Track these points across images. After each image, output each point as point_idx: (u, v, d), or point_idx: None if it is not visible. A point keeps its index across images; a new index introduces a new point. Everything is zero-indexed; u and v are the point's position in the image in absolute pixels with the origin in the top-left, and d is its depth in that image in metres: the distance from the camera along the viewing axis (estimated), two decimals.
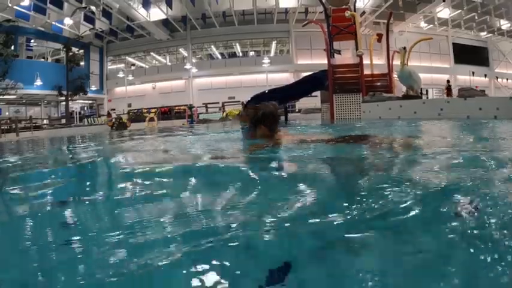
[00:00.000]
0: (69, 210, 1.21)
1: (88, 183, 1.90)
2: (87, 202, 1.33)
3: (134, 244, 0.83)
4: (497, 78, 31.88)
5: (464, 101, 6.83)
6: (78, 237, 0.93)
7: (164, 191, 1.43)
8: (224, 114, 23.25)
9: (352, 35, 11.04)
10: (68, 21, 25.05)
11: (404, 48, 8.96)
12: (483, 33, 32.23)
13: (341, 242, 0.81)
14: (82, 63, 30.74)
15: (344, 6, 11.31)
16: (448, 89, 21.41)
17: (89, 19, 25.89)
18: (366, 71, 10.48)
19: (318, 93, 12.28)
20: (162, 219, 1.01)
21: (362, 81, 9.88)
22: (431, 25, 30.29)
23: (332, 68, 10.22)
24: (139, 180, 1.61)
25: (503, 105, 6.46)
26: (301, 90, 12.03)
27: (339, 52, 13.31)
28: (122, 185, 1.61)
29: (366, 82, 10.03)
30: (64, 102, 28.05)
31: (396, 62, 11.48)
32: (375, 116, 8.12)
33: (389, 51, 11.60)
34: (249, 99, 12.51)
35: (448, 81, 22.49)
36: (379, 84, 10.45)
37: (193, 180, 1.57)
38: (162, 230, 0.91)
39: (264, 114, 2.26)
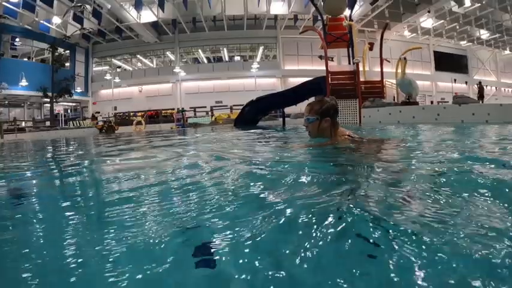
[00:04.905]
0: None
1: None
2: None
3: None
4: (476, 85, 33.14)
5: (459, 107, 7.28)
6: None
7: None
8: (213, 118, 23.37)
9: (347, 43, 11.45)
10: (56, 20, 24.52)
11: (405, 58, 9.41)
12: (463, 42, 33.61)
13: None
14: (67, 64, 30.05)
15: (340, 16, 11.67)
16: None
17: (78, 19, 25.32)
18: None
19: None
20: None
21: (358, 87, 10.25)
22: (414, 34, 31.39)
23: (330, 74, 10.55)
24: None
25: (494, 111, 6.94)
26: (300, 96, 12.17)
27: (331, 59, 13.69)
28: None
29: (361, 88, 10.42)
30: (47, 104, 27.32)
31: (385, 69, 12.03)
32: (375, 120, 8.50)
33: (381, 59, 12.05)
34: (247, 102, 12.75)
35: None
36: (372, 90, 10.84)
37: None
38: None
39: (329, 107, 2.33)
